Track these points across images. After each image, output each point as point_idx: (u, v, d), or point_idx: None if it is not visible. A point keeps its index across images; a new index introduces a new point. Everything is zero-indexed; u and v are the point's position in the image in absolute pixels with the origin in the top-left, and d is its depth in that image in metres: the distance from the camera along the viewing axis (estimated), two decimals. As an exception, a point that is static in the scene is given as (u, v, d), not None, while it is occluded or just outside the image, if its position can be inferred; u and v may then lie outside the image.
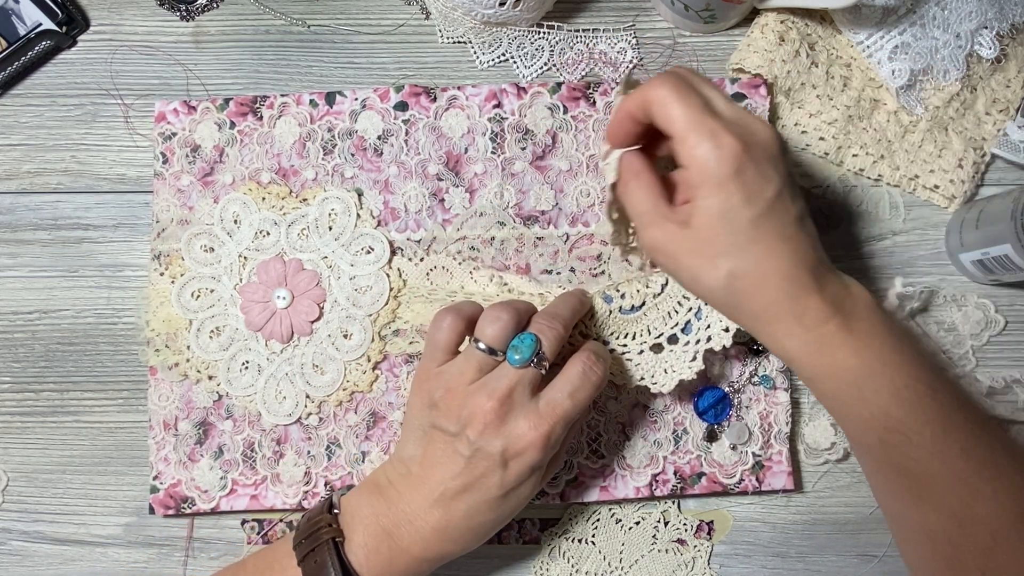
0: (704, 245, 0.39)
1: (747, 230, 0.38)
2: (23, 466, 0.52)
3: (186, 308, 0.50)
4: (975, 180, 0.53)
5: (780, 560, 0.51)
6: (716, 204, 0.38)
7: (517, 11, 0.51)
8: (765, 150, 0.39)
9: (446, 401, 0.42)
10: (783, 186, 0.39)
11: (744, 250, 0.39)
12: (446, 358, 0.43)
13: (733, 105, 0.40)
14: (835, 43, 0.53)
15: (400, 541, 0.42)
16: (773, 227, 0.39)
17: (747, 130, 0.39)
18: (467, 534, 0.42)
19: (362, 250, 0.51)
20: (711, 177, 0.38)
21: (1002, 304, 0.53)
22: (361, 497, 0.44)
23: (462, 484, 0.41)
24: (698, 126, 0.38)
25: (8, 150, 0.54)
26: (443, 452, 0.42)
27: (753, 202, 0.38)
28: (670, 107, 0.39)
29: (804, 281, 0.39)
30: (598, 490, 0.50)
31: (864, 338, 0.39)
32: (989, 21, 0.52)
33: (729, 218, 0.38)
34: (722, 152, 0.38)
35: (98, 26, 0.55)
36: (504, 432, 0.40)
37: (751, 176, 0.38)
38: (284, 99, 0.52)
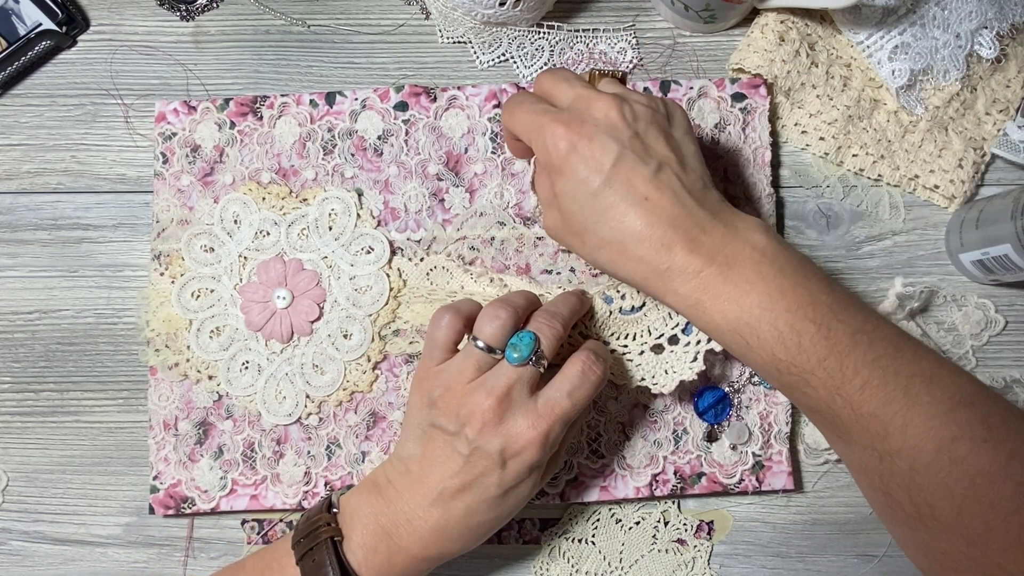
0: (570, 224, 0.42)
1: (592, 203, 0.40)
2: (23, 466, 0.52)
3: (186, 308, 0.50)
4: (975, 180, 0.53)
5: (780, 560, 0.51)
6: (561, 187, 0.41)
7: (517, 11, 0.51)
8: (599, 123, 0.40)
9: (445, 400, 0.42)
10: (624, 150, 0.40)
11: (597, 222, 0.40)
12: (445, 356, 0.43)
13: (579, 90, 0.42)
14: (835, 43, 0.53)
15: (399, 540, 0.42)
16: (618, 193, 0.40)
17: (580, 111, 0.41)
18: (466, 533, 0.42)
19: (362, 250, 0.51)
20: (551, 165, 0.41)
21: (1002, 304, 0.53)
22: (360, 496, 0.44)
23: (461, 483, 0.41)
24: (533, 127, 0.42)
25: (8, 150, 0.54)
26: (442, 451, 0.42)
27: (591, 176, 0.40)
28: (514, 123, 0.43)
29: (664, 238, 0.39)
30: (598, 490, 0.50)
31: (743, 284, 0.39)
32: (989, 21, 0.52)
33: (574, 196, 0.40)
34: (553, 140, 0.40)
35: (98, 26, 0.55)
36: (502, 431, 0.40)
37: (585, 152, 0.40)
38: (284, 99, 0.52)
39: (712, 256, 0.39)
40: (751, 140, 0.52)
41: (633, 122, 0.41)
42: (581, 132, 0.40)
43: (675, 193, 0.40)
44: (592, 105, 0.41)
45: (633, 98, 0.42)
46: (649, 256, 0.40)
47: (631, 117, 0.41)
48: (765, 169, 0.52)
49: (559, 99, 0.43)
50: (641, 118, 0.41)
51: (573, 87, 0.42)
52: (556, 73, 0.44)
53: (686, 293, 0.40)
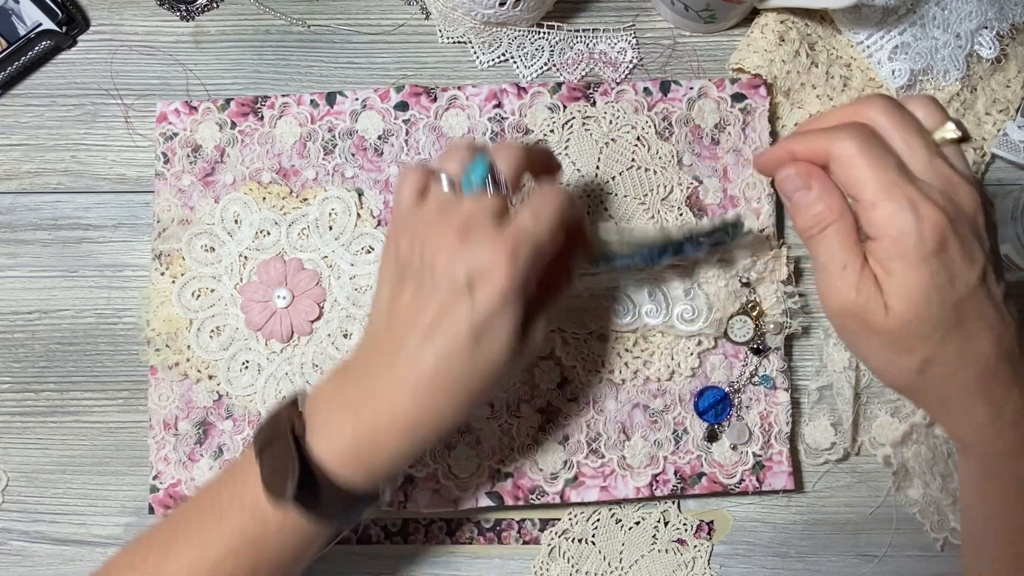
0: (900, 327, 0.35)
1: (949, 315, 0.35)
2: (23, 466, 0.52)
3: (186, 308, 0.50)
4: (975, 180, 0.53)
5: (780, 560, 0.51)
6: (916, 284, 0.34)
7: (517, 11, 0.51)
8: (970, 222, 0.35)
9: (411, 240, 0.39)
10: (988, 265, 0.35)
11: (944, 337, 0.35)
12: (408, 210, 0.40)
13: (935, 160, 0.35)
14: (835, 43, 0.53)
15: (366, 415, 0.38)
16: (976, 312, 0.35)
17: (952, 197, 0.35)
18: (439, 393, 0.38)
19: (362, 250, 0.51)
20: (910, 253, 0.34)
21: (1002, 304, 0.53)
22: (325, 384, 0.40)
23: (428, 321, 0.37)
24: (893, 192, 0.34)
25: (8, 150, 0.54)
26: (412, 296, 0.38)
27: (957, 284, 0.34)
28: (858, 168, 0.35)
29: (1004, 374, 0.36)
30: (598, 490, 0.50)
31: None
32: (989, 21, 0.52)
33: (930, 301, 0.34)
34: (923, 225, 0.34)
35: (98, 26, 0.55)
36: (465, 255, 0.37)
37: (955, 253, 0.34)
38: (285, 99, 0.52)
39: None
40: (751, 140, 0.52)
41: (987, 231, 0.35)
42: (955, 228, 0.34)
43: (1015, 326, 0.36)
44: (962, 194, 0.35)
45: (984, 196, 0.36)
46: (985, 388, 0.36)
47: (987, 223, 0.35)
48: (765, 169, 0.52)
49: (911, 152, 0.35)
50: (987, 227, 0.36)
51: (930, 152, 0.35)
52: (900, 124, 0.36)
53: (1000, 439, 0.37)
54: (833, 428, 0.51)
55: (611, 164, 0.51)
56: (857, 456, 0.52)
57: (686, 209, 0.51)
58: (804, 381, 0.52)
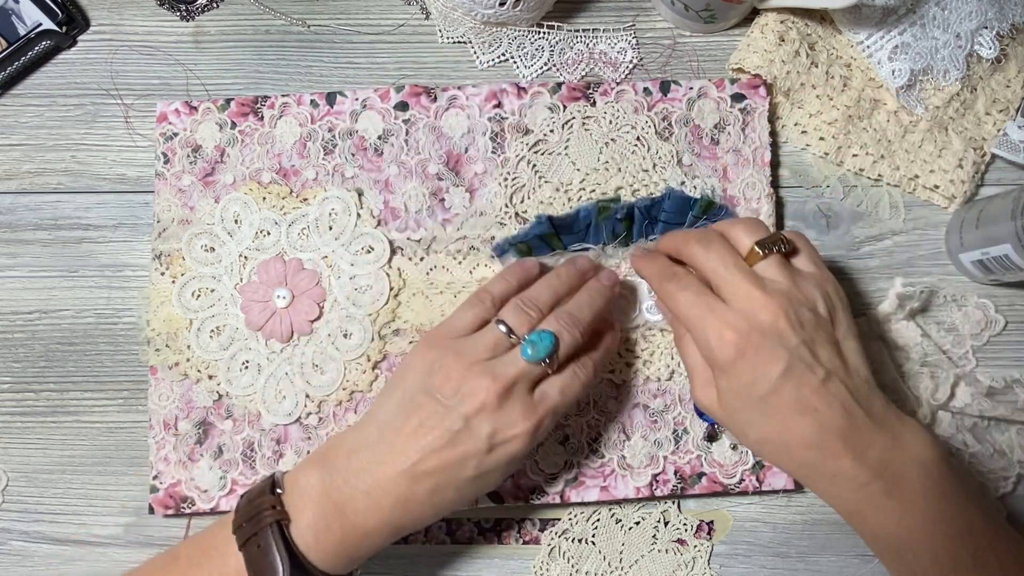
0: (732, 416, 0.42)
1: (759, 406, 0.41)
2: (23, 466, 0.52)
3: (186, 308, 0.50)
4: (975, 180, 0.53)
5: (780, 560, 0.51)
6: (727, 384, 0.42)
7: (517, 11, 0.51)
8: (765, 333, 0.40)
9: (448, 370, 0.41)
10: (793, 360, 0.40)
11: (763, 423, 0.41)
12: (461, 334, 0.43)
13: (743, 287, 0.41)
14: (835, 43, 0.53)
15: (354, 516, 0.40)
16: (786, 402, 0.40)
17: (748, 313, 0.41)
18: (427, 510, 0.41)
19: (362, 249, 0.51)
20: (715, 361, 0.41)
21: (1002, 304, 0.53)
22: (309, 473, 0.42)
23: (439, 461, 0.40)
24: (695, 320, 0.42)
25: (8, 150, 0.54)
26: (429, 421, 0.41)
27: (758, 382, 0.40)
28: (675, 306, 0.43)
29: (832, 448, 0.40)
30: (598, 490, 0.50)
31: (908, 505, 0.40)
32: (989, 21, 0.52)
33: (740, 396, 0.41)
34: (719, 342, 0.41)
35: (98, 26, 0.55)
36: (497, 417, 0.40)
37: (752, 359, 0.40)
38: (285, 99, 0.52)
39: (878, 470, 0.40)
40: (751, 140, 0.52)
41: (800, 330, 0.41)
42: (749, 340, 0.40)
43: (843, 404, 0.40)
44: (759, 310, 0.41)
45: (800, 298, 0.41)
46: (816, 462, 0.41)
47: (798, 324, 0.41)
48: (765, 169, 0.52)
49: (718, 286, 0.42)
50: (807, 325, 0.41)
51: (734, 276, 0.42)
52: (712, 248, 0.43)
53: (848, 500, 0.41)
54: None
55: (611, 164, 0.51)
56: (857, 456, 0.52)
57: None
58: (804, 381, 0.52)
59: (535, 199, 0.51)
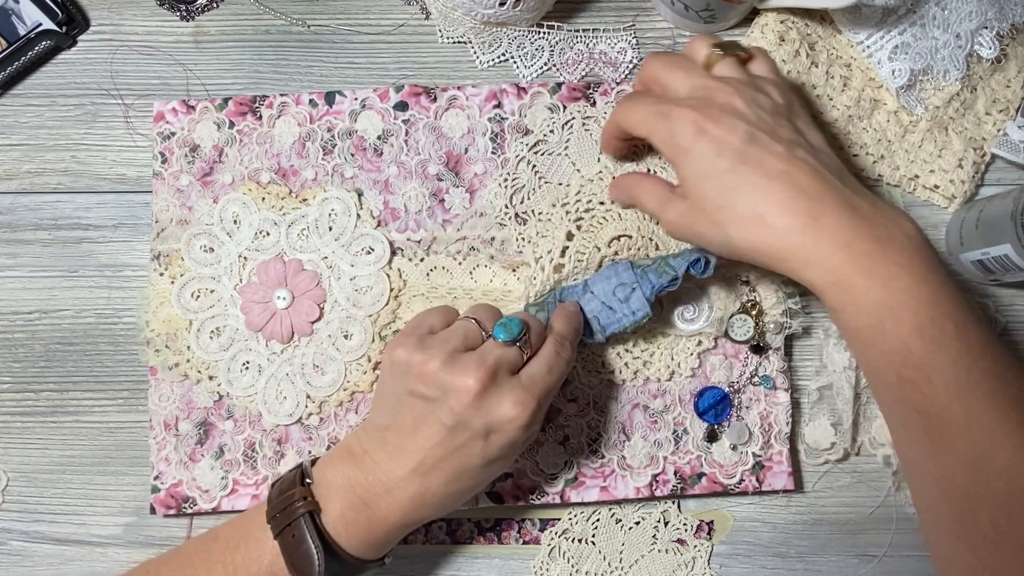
0: (702, 210, 0.41)
1: (726, 180, 0.40)
2: (23, 466, 0.52)
3: (186, 308, 0.50)
4: (975, 180, 0.53)
5: (780, 560, 0.52)
6: (691, 170, 0.41)
7: (517, 11, 0.51)
8: (724, 107, 0.40)
9: (425, 366, 0.41)
10: (753, 131, 0.40)
11: (732, 199, 0.40)
12: (427, 332, 0.43)
13: (693, 79, 0.42)
14: (835, 43, 0.53)
15: (378, 511, 0.42)
16: (753, 168, 0.39)
17: (703, 96, 0.41)
18: (445, 500, 0.43)
19: (362, 250, 0.51)
20: (677, 148, 0.41)
21: (1002, 304, 0.53)
22: (336, 467, 0.43)
23: (442, 453, 0.41)
24: (653, 117, 0.42)
25: (8, 150, 0.54)
26: (421, 419, 0.41)
27: (722, 153, 0.40)
28: (630, 118, 0.43)
29: (812, 209, 0.38)
30: (598, 490, 0.50)
31: (892, 266, 0.37)
32: (989, 21, 0.52)
33: (706, 176, 0.40)
34: (677, 125, 0.41)
35: (98, 26, 0.55)
36: (487, 407, 0.40)
37: (713, 132, 0.40)
38: (284, 99, 0.52)
39: (862, 231, 0.38)
40: (751, 140, 0.52)
41: (758, 108, 0.41)
42: (707, 115, 0.40)
43: (814, 168, 0.39)
44: (714, 93, 0.41)
45: (755, 86, 0.42)
46: (794, 227, 0.38)
47: (755, 104, 0.41)
48: (765, 169, 0.52)
49: (675, 88, 0.43)
50: (764, 107, 0.41)
51: (690, 76, 0.42)
52: (667, 59, 0.44)
53: (831, 267, 0.38)
54: (833, 428, 0.51)
55: (611, 164, 0.51)
56: (857, 456, 0.52)
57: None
58: (804, 381, 0.52)
59: (535, 199, 0.51)
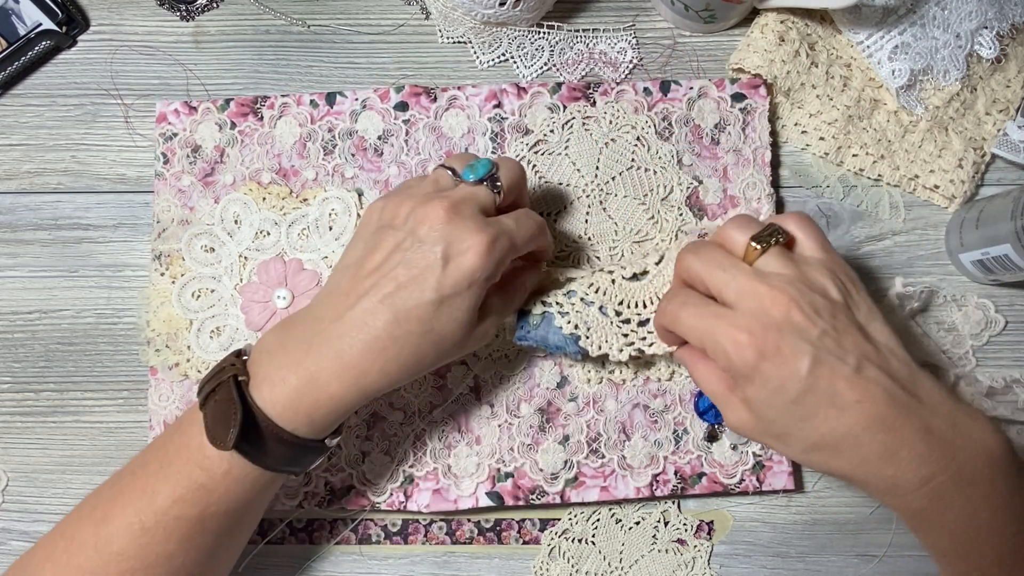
0: (768, 428, 0.39)
1: (794, 411, 0.37)
2: (23, 466, 0.52)
3: (187, 308, 0.50)
4: (975, 180, 0.53)
5: (780, 560, 0.51)
6: (753, 394, 0.38)
7: (517, 11, 0.51)
8: (782, 328, 0.37)
9: (400, 204, 0.41)
10: (819, 352, 0.37)
11: (803, 429, 0.37)
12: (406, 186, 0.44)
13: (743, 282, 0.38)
14: (835, 43, 0.53)
15: (310, 364, 0.39)
16: (823, 400, 0.37)
17: (757, 313, 0.37)
18: (389, 349, 0.39)
19: (362, 250, 0.51)
20: (739, 373, 0.38)
21: (1002, 304, 0.53)
22: (271, 333, 0.42)
23: (396, 279, 0.39)
24: (707, 335, 0.38)
25: (8, 150, 0.54)
26: (386, 248, 0.40)
27: (788, 383, 0.37)
28: (681, 328, 0.40)
29: (887, 444, 0.36)
30: (598, 490, 0.50)
31: (976, 498, 0.36)
32: (989, 21, 0.52)
33: (771, 405, 0.38)
34: (736, 350, 0.37)
35: (98, 26, 0.55)
36: (449, 231, 0.39)
37: (774, 359, 0.37)
38: (285, 99, 0.52)
39: (943, 463, 0.36)
40: (751, 140, 0.52)
41: (818, 319, 0.37)
42: (767, 339, 0.37)
43: (886, 390, 0.37)
44: (769, 306, 0.37)
45: (809, 284, 0.38)
46: (871, 460, 0.37)
47: (814, 314, 0.37)
48: (765, 169, 0.52)
49: (719, 291, 0.39)
50: (824, 312, 0.37)
51: (733, 277, 0.38)
52: (705, 257, 0.40)
53: (912, 499, 0.37)
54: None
55: (611, 164, 0.51)
56: (857, 456, 0.52)
57: (686, 209, 0.51)
58: (804, 381, 0.52)
59: (538, 197, 0.51)
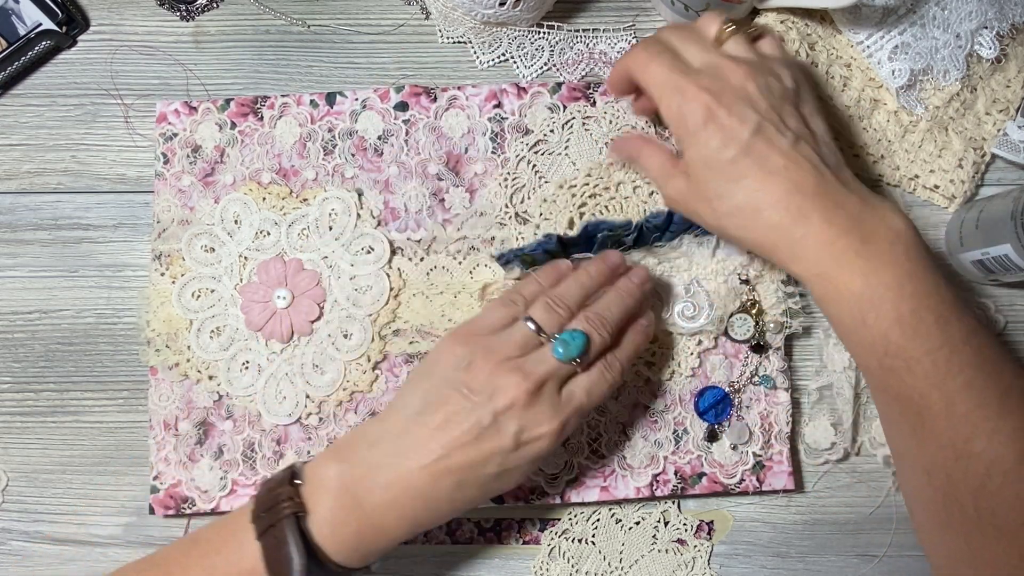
0: (701, 190, 0.43)
1: (728, 170, 0.41)
2: (23, 466, 0.52)
3: (186, 308, 0.50)
4: (975, 180, 0.53)
5: (780, 560, 0.51)
6: (696, 153, 0.42)
7: (517, 11, 0.51)
8: (736, 92, 0.41)
9: (481, 366, 0.41)
10: (762, 122, 0.41)
11: (731, 189, 0.41)
12: (493, 330, 0.43)
13: (707, 54, 0.43)
14: (835, 43, 0.53)
15: (371, 510, 0.40)
16: (756, 163, 0.41)
17: (717, 77, 0.42)
18: (445, 507, 0.41)
19: (362, 250, 0.51)
20: (686, 130, 0.42)
21: (1002, 304, 0.53)
22: (329, 464, 0.41)
23: (466, 456, 0.40)
24: (668, 85, 0.42)
25: (8, 150, 0.54)
26: (457, 416, 0.40)
27: (728, 144, 0.41)
28: (644, 75, 0.44)
29: (802, 206, 0.40)
30: (598, 490, 0.50)
31: (874, 261, 0.39)
32: (989, 21, 0.52)
33: (709, 163, 0.42)
34: (690, 105, 0.41)
35: (98, 26, 0.55)
36: (525, 415, 0.41)
37: (723, 121, 0.41)
38: (285, 99, 0.52)
39: (848, 228, 0.40)
40: (751, 140, 0.52)
41: (769, 95, 0.42)
42: (720, 100, 0.41)
43: (813, 164, 0.41)
44: (728, 74, 0.42)
45: (767, 68, 0.43)
46: (785, 223, 0.41)
47: (767, 90, 0.42)
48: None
49: (688, 59, 0.43)
50: (775, 92, 0.42)
51: (704, 50, 0.43)
52: (682, 30, 0.45)
53: (815, 260, 0.40)
54: (833, 428, 0.51)
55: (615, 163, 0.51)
56: (857, 456, 0.52)
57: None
58: (804, 381, 0.52)
59: (537, 197, 0.51)
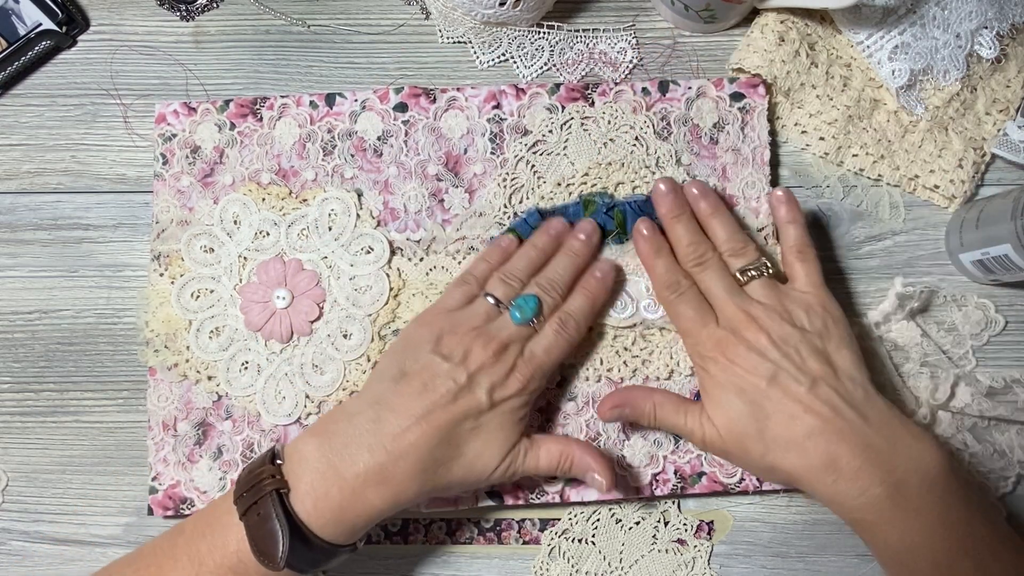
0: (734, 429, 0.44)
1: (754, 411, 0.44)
2: (23, 466, 0.52)
3: (186, 308, 0.50)
4: (975, 180, 0.53)
5: (780, 560, 0.51)
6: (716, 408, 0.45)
7: (517, 11, 0.51)
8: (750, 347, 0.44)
9: (452, 336, 0.44)
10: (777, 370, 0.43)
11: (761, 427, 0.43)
12: (457, 307, 0.46)
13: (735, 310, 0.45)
14: (835, 43, 0.53)
15: (353, 480, 0.41)
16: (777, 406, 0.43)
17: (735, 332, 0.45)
18: (428, 469, 0.42)
19: (362, 250, 0.51)
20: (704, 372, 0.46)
21: (1002, 304, 0.53)
22: (308, 440, 0.43)
23: (444, 415, 0.42)
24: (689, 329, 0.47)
25: (8, 150, 0.54)
26: (436, 380, 0.43)
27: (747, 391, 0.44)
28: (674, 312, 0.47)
29: (829, 452, 0.41)
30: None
31: (910, 514, 0.41)
32: (989, 21, 0.52)
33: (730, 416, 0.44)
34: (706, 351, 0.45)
35: (98, 26, 0.55)
36: (493, 373, 0.44)
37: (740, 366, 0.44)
38: (284, 100, 0.52)
39: (879, 478, 0.41)
40: (750, 139, 0.52)
41: (783, 344, 0.44)
42: (737, 352, 0.44)
43: (833, 407, 0.42)
44: (743, 329, 0.44)
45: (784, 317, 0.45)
46: (816, 466, 0.42)
47: (781, 341, 0.44)
48: (764, 168, 0.52)
49: (712, 304, 0.47)
50: (791, 339, 0.44)
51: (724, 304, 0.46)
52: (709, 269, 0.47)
53: (851, 508, 0.42)
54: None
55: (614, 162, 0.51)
56: (857, 456, 0.52)
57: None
58: (804, 381, 0.52)
59: (535, 196, 0.51)
